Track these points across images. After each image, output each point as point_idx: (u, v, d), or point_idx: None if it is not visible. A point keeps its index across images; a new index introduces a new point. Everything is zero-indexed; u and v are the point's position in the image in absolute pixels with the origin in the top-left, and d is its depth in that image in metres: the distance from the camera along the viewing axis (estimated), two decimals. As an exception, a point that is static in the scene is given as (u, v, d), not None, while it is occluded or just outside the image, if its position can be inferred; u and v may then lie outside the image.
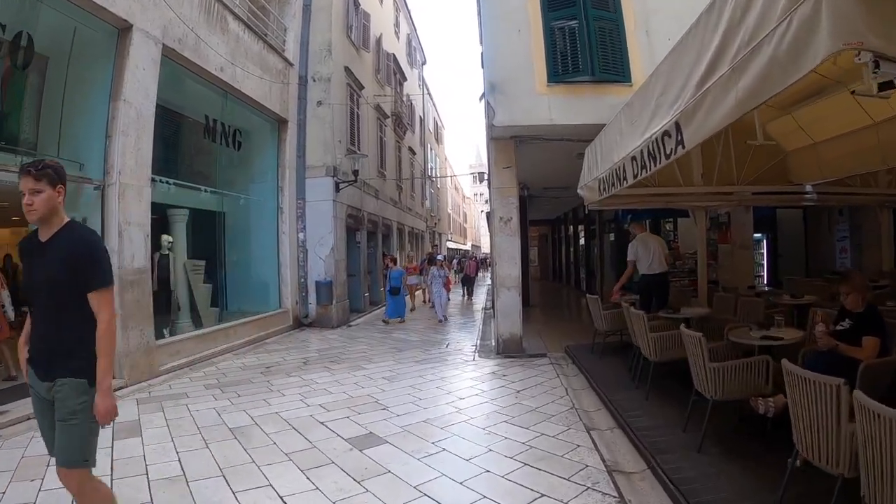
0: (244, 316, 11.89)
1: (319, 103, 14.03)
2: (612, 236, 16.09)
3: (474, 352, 9.38)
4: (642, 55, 8.62)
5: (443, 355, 9.12)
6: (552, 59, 8.39)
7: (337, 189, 13.81)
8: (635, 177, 4.61)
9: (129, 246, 7.90)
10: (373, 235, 18.39)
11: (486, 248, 69.06)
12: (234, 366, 8.90)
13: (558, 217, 26.30)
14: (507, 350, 8.72)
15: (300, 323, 13.30)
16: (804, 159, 6.52)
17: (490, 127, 8.34)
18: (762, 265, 13.97)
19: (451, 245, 43.17)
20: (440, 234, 42.44)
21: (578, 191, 7.05)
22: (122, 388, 7.31)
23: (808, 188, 7.31)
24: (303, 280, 13.39)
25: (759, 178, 7.25)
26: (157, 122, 8.64)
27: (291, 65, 13.63)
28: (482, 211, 79.67)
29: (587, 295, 8.00)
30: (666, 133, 3.58)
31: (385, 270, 16.32)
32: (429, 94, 35.86)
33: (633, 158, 4.48)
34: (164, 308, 10.24)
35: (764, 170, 7.19)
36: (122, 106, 7.87)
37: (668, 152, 3.65)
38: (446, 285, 15.02)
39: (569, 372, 7.49)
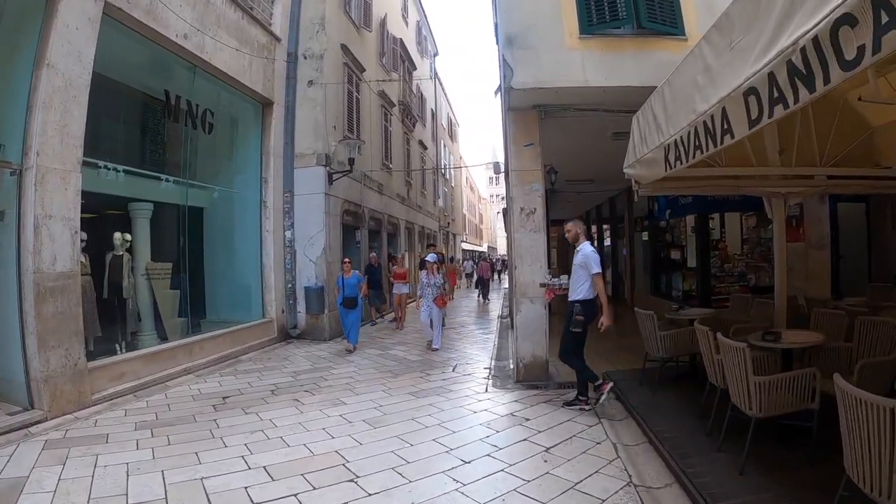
0: (223, 326, 10.20)
1: (311, 83, 12.28)
2: (644, 235, 14.14)
3: (488, 377, 7.48)
4: (698, 4, 6.78)
5: (447, 383, 7.21)
6: (585, 4, 6.53)
7: (330, 180, 12.02)
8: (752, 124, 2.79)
9: (49, 245, 6.20)
10: (376, 234, 16.57)
11: (502, 249, 67.27)
12: (188, 393, 7.17)
13: (580, 216, 24.43)
14: (528, 377, 6.87)
15: (287, 335, 11.54)
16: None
17: (507, 92, 6.48)
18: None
19: (465, 246, 41.35)
20: (454, 235, 40.62)
21: (626, 170, 5.22)
22: (38, 422, 5.71)
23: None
24: (290, 285, 11.63)
25: (844, 158, 5.56)
26: (99, 96, 7.04)
27: (278, 40, 11.88)
28: (498, 212, 77.75)
29: (635, 309, 6.08)
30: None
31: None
32: (442, 87, 34.07)
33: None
34: (116, 319, 8.60)
35: (850, 148, 5.50)
36: (46, 73, 6.25)
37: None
38: (439, 300, 10.14)
39: (614, 413, 5.57)
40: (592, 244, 6.06)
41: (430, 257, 10.66)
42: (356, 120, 14.26)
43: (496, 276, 31.41)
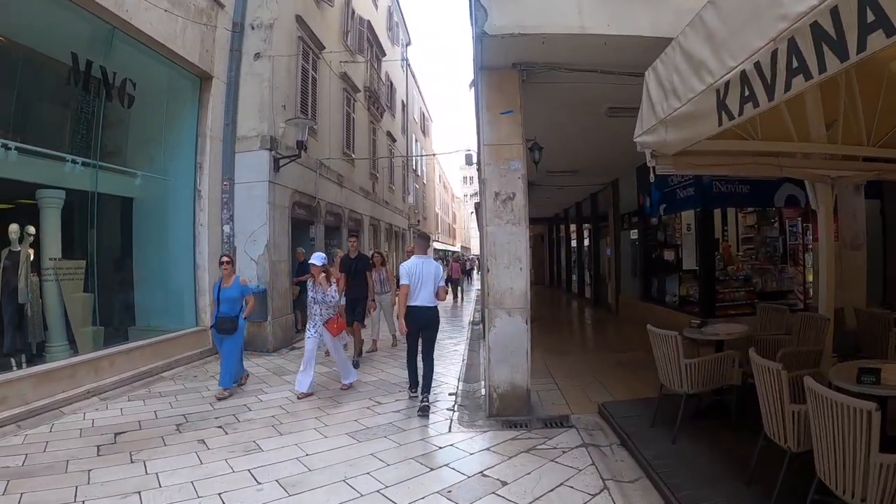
0: (149, 336, 8.64)
1: (257, 55, 10.65)
2: (633, 233, 12.78)
3: (453, 408, 5.95)
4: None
5: (400, 417, 5.61)
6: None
7: (276, 166, 10.39)
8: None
9: None
10: (335, 231, 14.94)
11: (476, 249, 65.84)
12: (79, 426, 5.64)
13: (557, 214, 23.14)
14: (505, 410, 5.36)
15: (226, 345, 9.87)
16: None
17: (479, 41, 4.96)
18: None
19: (438, 246, 39.78)
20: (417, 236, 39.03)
21: (641, 139, 3.80)
22: None
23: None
24: (229, 288, 9.97)
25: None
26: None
27: (221, 6, 10.22)
28: (471, 212, 76.00)
29: (649, 327, 4.60)
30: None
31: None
32: (415, 79, 32.49)
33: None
34: (9, 328, 7.01)
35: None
36: None
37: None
38: (332, 323, 6.83)
39: (620, 469, 4.08)
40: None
41: (316, 258, 6.84)
42: (312, 101, 12.64)
43: (467, 277, 30.00)
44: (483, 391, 6.18)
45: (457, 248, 64.15)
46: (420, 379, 6.07)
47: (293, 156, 10.44)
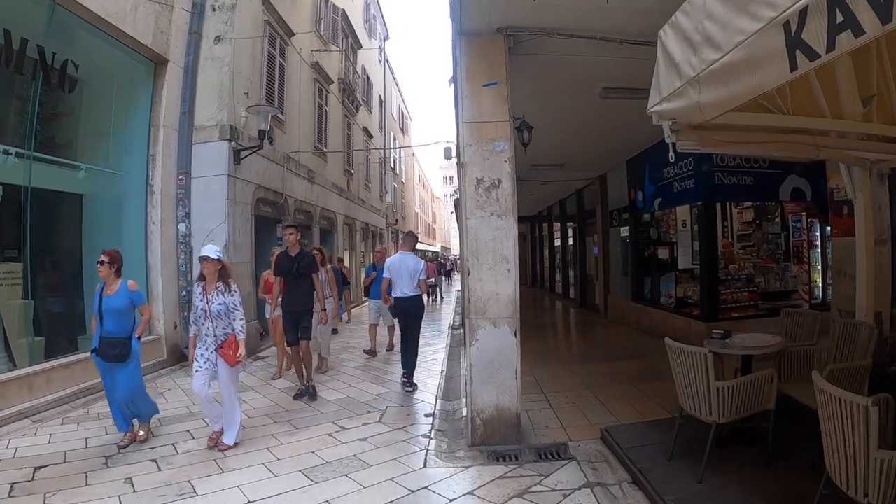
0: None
1: (218, 39, 9.77)
2: (623, 230, 12.06)
3: (429, 434, 5.10)
4: None
5: (365, 448, 4.72)
6: None
7: (236, 158, 9.48)
8: None
9: None
10: (305, 230, 14.05)
11: (455, 250, 65.00)
12: (-5, 457, 4.68)
13: (540, 212, 22.43)
14: (490, 439, 4.53)
15: (183, 356, 8.93)
16: None
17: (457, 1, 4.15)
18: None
19: (419, 246, 38.80)
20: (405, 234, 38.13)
21: (661, 107, 3.01)
22: None
23: None
24: (185, 293, 9.05)
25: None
26: None
27: (179, -16, 9.31)
28: (451, 212, 74.96)
29: (668, 341, 3.78)
30: None
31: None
32: (393, 76, 31.58)
33: None
34: None
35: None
36: None
37: None
38: (227, 349, 4.83)
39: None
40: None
41: (209, 251, 4.93)
42: (279, 90, 11.72)
43: (445, 279, 28.97)
44: (464, 411, 5.37)
45: (437, 249, 63.33)
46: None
47: (255, 147, 9.53)
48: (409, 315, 6.99)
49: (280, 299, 6.97)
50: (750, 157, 7.95)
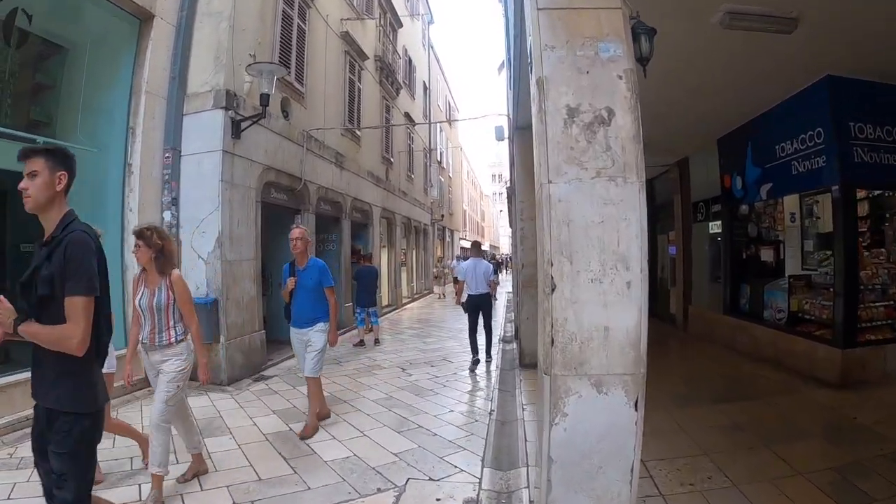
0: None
1: (216, -10, 8.01)
2: (714, 226, 9.78)
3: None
4: None
5: None
6: None
7: (235, 131, 7.68)
8: None
9: None
10: (334, 222, 12.21)
11: (505, 249, 62.63)
12: None
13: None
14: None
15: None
16: None
17: None
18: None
19: (465, 244, 36.69)
20: (452, 231, 36.22)
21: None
22: None
23: None
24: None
25: None
26: None
27: (170, -75, 7.60)
28: (501, 211, 72.21)
29: None
30: None
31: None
32: (439, 64, 29.63)
33: None
34: None
35: None
36: None
37: None
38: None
39: None
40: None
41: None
42: (296, 58, 9.90)
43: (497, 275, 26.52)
44: (525, 494, 3.32)
45: (486, 247, 61.30)
46: (481, 347, 8.44)
47: (256, 116, 7.71)
48: (482, 308, 8.40)
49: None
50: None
